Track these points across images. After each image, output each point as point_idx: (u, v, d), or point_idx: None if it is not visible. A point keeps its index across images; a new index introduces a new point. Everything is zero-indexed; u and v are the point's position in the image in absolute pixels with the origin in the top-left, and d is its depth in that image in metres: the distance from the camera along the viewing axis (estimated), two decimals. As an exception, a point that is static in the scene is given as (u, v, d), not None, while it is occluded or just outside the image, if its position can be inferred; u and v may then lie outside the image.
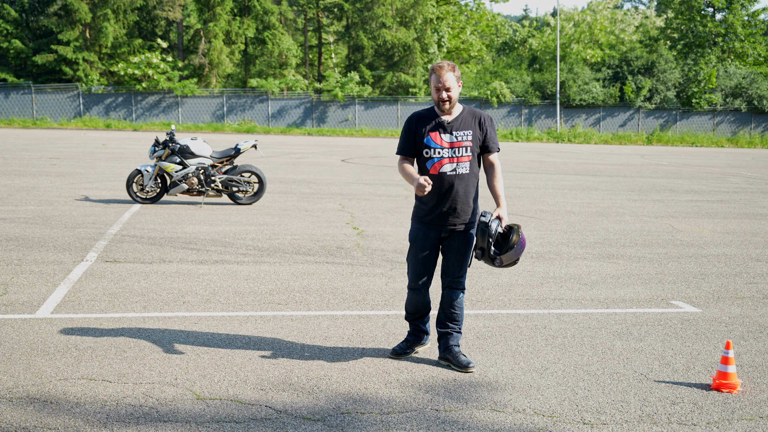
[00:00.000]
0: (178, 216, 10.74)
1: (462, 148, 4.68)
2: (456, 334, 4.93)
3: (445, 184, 4.68)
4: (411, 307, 4.97)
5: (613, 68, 44.02)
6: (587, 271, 7.93)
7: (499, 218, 4.67)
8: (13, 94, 39.19)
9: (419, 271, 4.85)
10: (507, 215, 4.75)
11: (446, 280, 4.91)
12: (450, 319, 4.92)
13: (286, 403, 4.23)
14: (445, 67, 4.63)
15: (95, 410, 4.04)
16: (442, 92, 4.62)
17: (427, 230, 4.81)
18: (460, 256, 4.83)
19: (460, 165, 4.69)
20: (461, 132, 4.69)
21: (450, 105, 4.66)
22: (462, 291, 4.92)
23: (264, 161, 19.95)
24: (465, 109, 4.78)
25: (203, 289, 6.65)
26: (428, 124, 4.72)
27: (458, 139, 4.68)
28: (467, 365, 4.79)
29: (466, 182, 4.71)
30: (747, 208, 13.80)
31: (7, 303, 6.04)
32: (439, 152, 4.67)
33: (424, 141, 4.70)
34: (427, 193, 4.59)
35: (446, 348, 4.91)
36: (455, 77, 4.63)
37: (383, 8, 42.61)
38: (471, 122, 4.72)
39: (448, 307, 4.90)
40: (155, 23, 46.32)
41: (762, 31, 48.59)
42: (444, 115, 4.72)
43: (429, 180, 4.53)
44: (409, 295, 4.96)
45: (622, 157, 27.76)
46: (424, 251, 4.82)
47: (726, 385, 4.56)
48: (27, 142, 25.98)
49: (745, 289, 7.33)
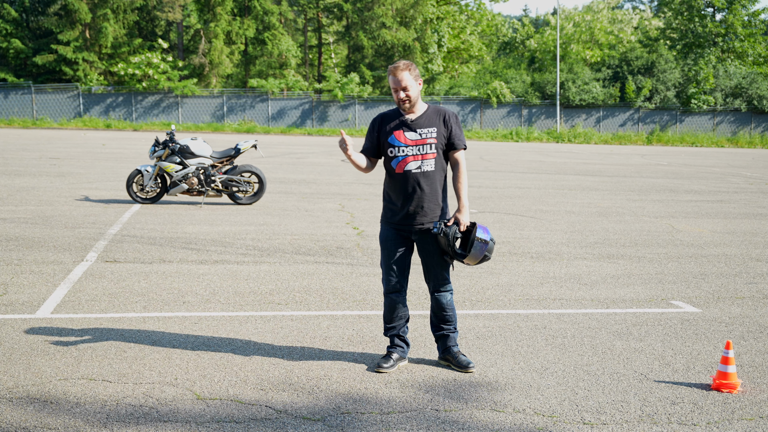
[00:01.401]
0: (178, 216, 10.74)
1: (427, 145, 4.64)
2: (452, 335, 4.88)
3: (410, 182, 4.64)
4: (389, 315, 4.82)
5: (613, 68, 44.01)
6: (587, 271, 7.93)
7: (457, 222, 4.62)
8: (13, 94, 39.19)
9: (392, 274, 4.76)
10: (468, 216, 4.68)
11: (430, 284, 4.83)
12: (443, 322, 4.87)
13: (286, 403, 4.23)
14: (401, 66, 4.60)
15: (95, 410, 4.04)
16: (400, 92, 4.60)
17: (396, 232, 4.75)
18: (437, 257, 4.74)
19: (425, 162, 4.65)
20: (425, 129, 4.66)
21: (410, 104, 4.63)
22: (449, 292, 4.84)
23: (264, 161, 19.95)
24: (430, 107, 4.76)
25: (203, 289, 6.65)
26: (392, 123, 4.69)
27: (423, 137, 4.65)
28: (467, 365, 4.77)
29: (432, 180, 4.66)
30: (747, 208, 13.80)
31: (7, 303, 6.04)
32: (403, 150, 4.64)
33: (388, 140, 4.68)
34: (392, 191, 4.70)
35: (445, 349, 4.89)
36: (412, 76, 4.59)
37: (383, 8, 42.60)
38: (436, 119, 4.69)
39: (439, 311, 4.83)
40: (155, 23, 46.32)
41: (762, 31, 48.58)
42: (408, 114, 4.69)
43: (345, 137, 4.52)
44: (385, 303, 4.81)
45: (622, 157, 27.76)
46: (396, 254, 4.74)
47: (726, 385, 4.56)
48: (27, 142, 25.98)
49: (745, 289, 7.33)
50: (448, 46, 49.09)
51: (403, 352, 4.88)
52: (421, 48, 43.67)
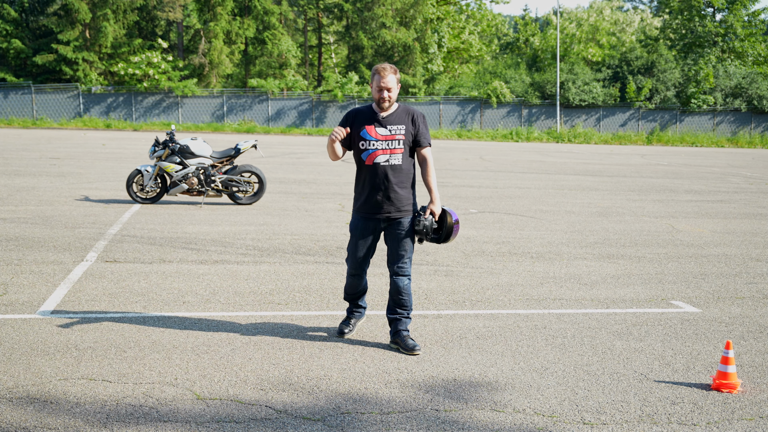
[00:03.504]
0: (178, 216, 10.74)
1: (395, 140, 5.09)
2: (405, 320, 5.25)
3: (379, 174, 5.08)
4: (350, 290, 5.42)
5: (613, 68, 44.00)
6: (587, 271, 7.93)
7: (432, 214, 5.12)
8: (13, 94, 39.18)
9: (358, 259, 5.26)
10: (440, 206, 5.15)
11: (391, 268, 5.23)
12: (398, 306, 5.23)
13: (286, 403, 4.23)
14: (388, 69, 5.08)
15: (95, 410, 4.04)
16: (384, 92, 5.05)
17: (365, 221, 5.19)
18: (400, 244, 5.17)
19: (393, 156, 5.09)
20: (395, 126, 5.10)
21: (389, 103, 5.09)
22: (407, 278, 5.22)
23: (264, 161, 19.95)
24: (400, 107, 5.18)
25: (203, 289, 6.65)
26: (365, 119, 5.13)
27: (392, 133, 5.09)
28: (413, 348, 5.12)
29: (398, 173, 5.10)
30: (747, 208, 13.80)
31: (7, 303, 6.04)
32: (373, 144, 5.08)
33: (360, 134, 5.10)
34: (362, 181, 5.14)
35: (396, 333, 5.24)
36: (396, 79, 5.08)
37: (383, 8, 42.59)
38: (405, 118, 5.13)
39: (396, 294, 5.21)
40: (155, 23, 46.31)
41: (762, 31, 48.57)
42: (380, 112, 5.12)
43: (340, 138, 5.01)
44: (348, 281, 5.38)
45: (622, 157, 27.76)
46: (363, 241, 5.22)
47: (726, 385, 4.56)
48: (27, 142, 25.98)
49: (745, 289, 7.33)
50: (448, 46, 49.06)
51: (360, 315, 5.55)
52: (421, 48, 43.66)
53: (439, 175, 17.97)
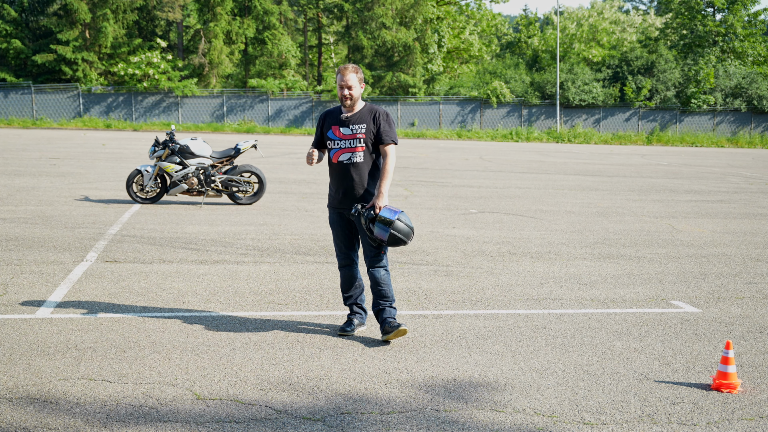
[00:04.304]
0: (178, 216, 10.74)
1: (356, 139, 5.31)
2: (389, 309, 5.36)
3: (342, 171, 5.33)
4: (344, 285, 5.53)
5: (613, 68, 43.99)
6: (587, 271, 7.93)
7: (373, 206, 5.23)
8: (13, 94, 39.17)
9: (341, 250, 5.48)
10: (384, 201, 5.22)
11: (366, 261, 5.41)
12: (379, 297, 5.36)
13: (286, 403, 4.23)
14: (350, 68, 5.32)
15: (95, 410, 4.04)
16: (345, 90, 5.29)
17: (337, 214, 5.45)
18: (367, 237, 5.33)
19: (355, 155, 5.31)
20: (356, 125, 5.33)
21: (351, 102, 5.31)
22: (383, 269, 5.37)
23: (264, 161, 19.95)
24: (365, 106, 5.42)
25: (203, 289, 6.65)
26: (332, 119, 5.41)
27: (353, 132, 5.32)
28: (398, 326, 5.25)
29: (360, 170, 5.31)
30: (747, 208, 13.80)
31: (7, 303, 6.04)
32: (337, 143, 5.35)
33: (327, 134, 5.40)
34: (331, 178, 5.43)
35: (383, 321, 5.35)
36: (358, 78, 5.31)
37: (383, 8, 42.57)
38: (367, 117, 5.35)
39: (375, 286, 5.36)
40: (155, 23, 46.30)
41: (762, 32, 48.56)
42: (346, 111, 5.37)
43: (314, 154, 5.33)
44: (340, 277, 5.54)
45: (622, 157, 27.76)
46: (341, 232, 5.45)
47: (726, 385, 4.56)
48: (27, 142, 25.98)
49: (745, 289, 7.33)
50: (448, 46, 49.05)
51: (361, 318, 5.59)
52: (421, 48, 43.65)
53: (440, 175, 17.97)
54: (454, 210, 12.19)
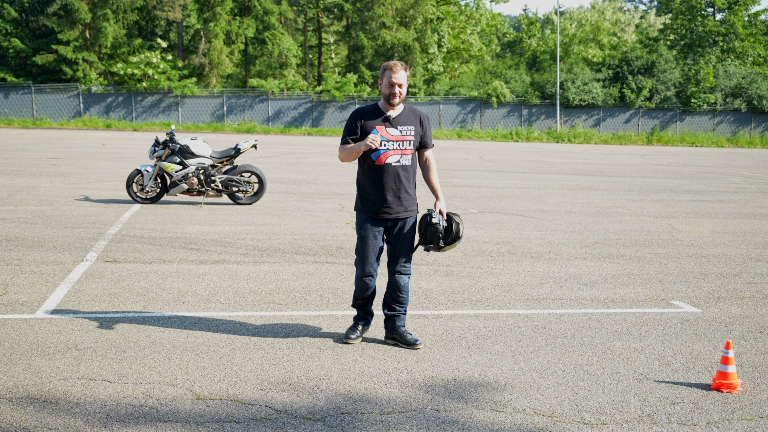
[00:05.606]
0: (178, 216, 10.74)
1: (406, 141, 5.11)
2: (402, 316, 5.32)
3: (391, 174, 5.10)
4: (361, 294, 5.33)
5: (613, 68, 43.98)
6: (587, 271, 7.93)
7: (440, 213, 5.15)
8: (13, 94, 39.16)
9: (370, 261, 5.20)
10: (445, 207, 5.20)
11: (393, 266, 5.26)
12: (397, 302, 5.30)
13: (286, 403, 4.23)
14: (399, 65, 5.07)
15: (95, 410, 4.04)
16: (395, 87, 5.04)
17: (374, 221, 5.17)
18: (406, 243, 5.22)
19: (404, 157, 5.12)
20: (405, 127, 5.12)
21: (399, 99, 5.09)
22: (408, 276, 5.29)
23: (264, 161, 19.95)
24: (406, 107, 5.20)
25: (203, 289, 6.65)
26: (374, 119, 5.11)
27: (403, 133, 5.11)
28: (414, 342, 5.20)
29: (408, 173, 5.15)
30: (747, 208, 13.80)
31: (7, 303, 6.04)
32: (385, 144, 5.07)
33: (372, 134, 5.05)
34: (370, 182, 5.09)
35: (393, 328, 5.30)
36: (406, 76, 5.09)
37: (383, 8, 42.58)
38: (413, 119, 5.16)
39: (395, 291, 5.27)
40: (155, 23, 46.29)
41: (762, 32, 48.56)
42: (389, 111, 5.11)
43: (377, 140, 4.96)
44: (358, 285, 5.28)
45: (622, 157, 27.76)
46: (373, 242, 5.18)
47: (726, 385, 4.56)
48: (27, 142, 25.97)
49: (745, 289, 7.33)
50: (448, 46, 49.05)
51: (367, 325, 5.45)
52: (421, 48, 43.65)
53: (440, 175, 17.94)
54: (454, 210, 12.19)
